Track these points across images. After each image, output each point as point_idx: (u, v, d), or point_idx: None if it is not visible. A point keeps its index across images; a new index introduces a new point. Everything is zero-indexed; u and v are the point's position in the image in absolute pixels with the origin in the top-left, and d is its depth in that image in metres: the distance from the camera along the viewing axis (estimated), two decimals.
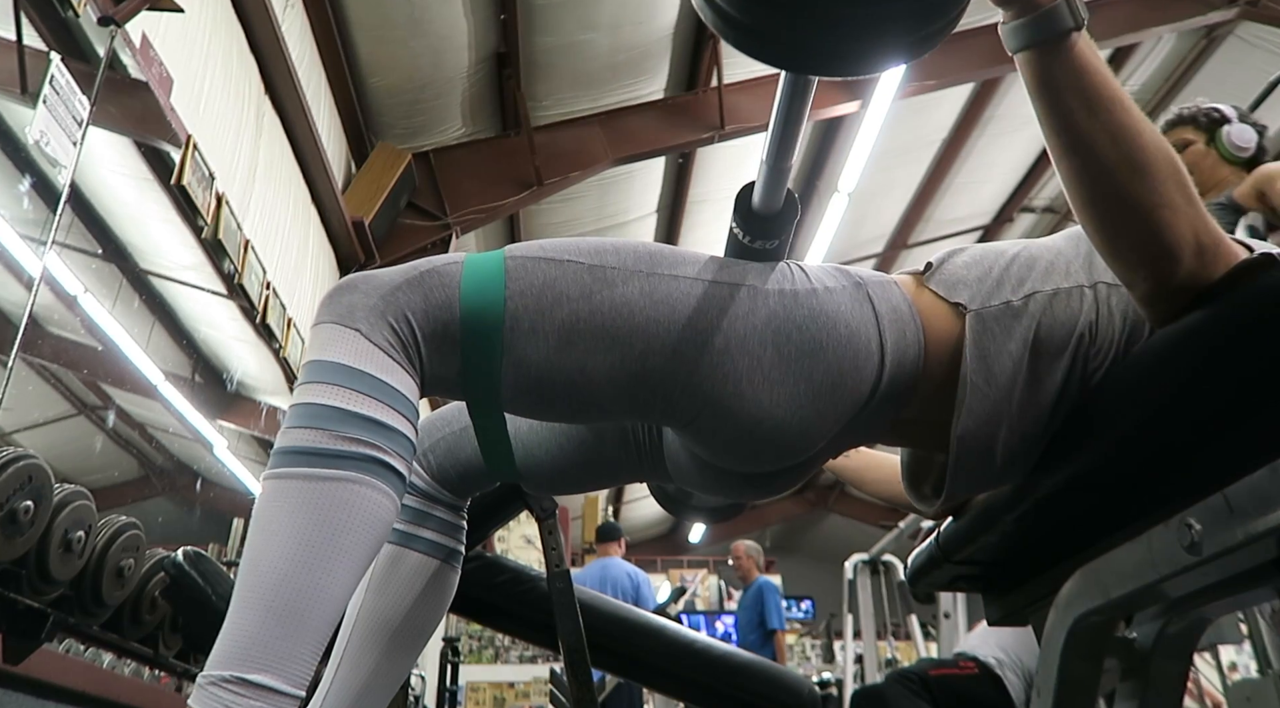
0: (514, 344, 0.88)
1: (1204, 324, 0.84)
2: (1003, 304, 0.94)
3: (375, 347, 0.85)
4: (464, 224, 5.48)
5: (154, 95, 3.05)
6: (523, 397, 0.91)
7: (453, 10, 4.61)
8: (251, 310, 4.25)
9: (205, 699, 0.73)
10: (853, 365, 0.91)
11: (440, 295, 0.88)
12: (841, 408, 0.92)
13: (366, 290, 0.88)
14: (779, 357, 0.89)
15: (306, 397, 0.83)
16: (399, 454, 0.84)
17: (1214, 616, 1.15)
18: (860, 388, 0.92)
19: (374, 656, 1.07)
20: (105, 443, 9.33)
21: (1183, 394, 0.87)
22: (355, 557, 0.80)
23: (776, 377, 0.89)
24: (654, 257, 0.94)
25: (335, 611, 0.79)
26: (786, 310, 0.91)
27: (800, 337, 0.90)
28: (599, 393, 0.91)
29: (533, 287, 0.89)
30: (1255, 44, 6.05)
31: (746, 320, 0.90)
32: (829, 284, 0.94)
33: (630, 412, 0.95)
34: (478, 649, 10.20)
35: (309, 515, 0.79)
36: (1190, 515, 0.83)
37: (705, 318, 0.90)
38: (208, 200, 3.40)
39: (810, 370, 0.90)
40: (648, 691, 4.23)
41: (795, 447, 0.93)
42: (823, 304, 0.92)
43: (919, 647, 5.01)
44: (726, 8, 0.70)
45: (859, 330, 0.91)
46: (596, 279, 0.90)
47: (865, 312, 0.93)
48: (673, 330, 0.89)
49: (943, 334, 0.95)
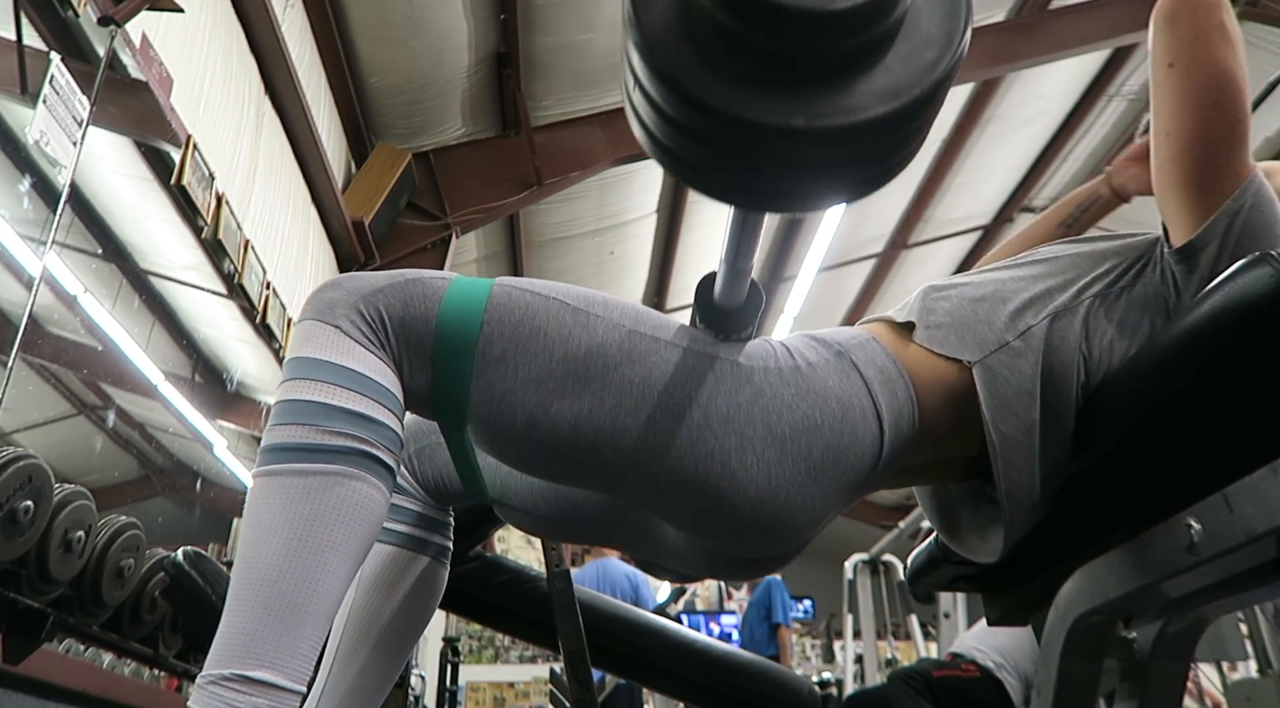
0: (484, 369, 0.86)
1: (1203, 325, 0.84)
2: (1003, 347, 0.95)
3: (354, 342, 0.85)
4: (464, 224, 5.47)
5: (154, 95, 3.05)
6: (483, 427, 0.88)
7: (453, 10, 4.61)
8: (251, 310, 4.25)
9: (206, 699, 0.73)
10: (852, 439, 0.89)
11: (420, 306, 0.88)
12: (846, 480, 0.90)
13: (349, 289, 0.88)
14: (771, 436, 0.86)
15: (290, 393, 0.83)
16: (385, 447, 0.83)
17: (1214, 615, 1.15)
18: (863, 458, 0.90)
19: (365, 654, 1.07)
20: (105, 443, 9.33)
21: (1182, 395, 0.87)
22: (348, 550, 0.80)
23: (772, 457, 0.86)
24: (639, 315, 0.92)
25: (331, 604, 0.79)
26: (773, 389, 0.88)
27: (792, 416, 0.87)
28: (562, 441, 0.86)
29: (512, 315, 0.87)
30: (1255, 44, 6.04)
31: (730, 397, 0.87)
32: (811, 359, 0.92)
33: (598, 478, 0.90)
34: (478, 649, 10.20)
35: (299, 511, 0.79)
36: (1190, 515, 0.83)
37: (683, 388, 0.87)
38: (208, 200, 3.40)
39: (808, 449, 0.87)
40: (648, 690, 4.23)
41: (801, 525, 0.90)
42: (809, 381, 0.89)
43: (919, 647, 5.01)
44: (670, 144, 0.67)
45: (852, 403, 0.89)
46: (578, 322, 0.88)
47: (854, 382, 0.91)
48: (647, 394, 0.86)
49: (934, 384, 0.95)
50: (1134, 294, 1.00)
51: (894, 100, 0.62)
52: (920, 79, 0.63)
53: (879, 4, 0.60)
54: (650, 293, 7.72)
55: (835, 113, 0.62)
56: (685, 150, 0.67)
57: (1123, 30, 5.77)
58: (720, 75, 0.62)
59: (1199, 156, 0.92)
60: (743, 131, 0.63)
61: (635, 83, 0.66)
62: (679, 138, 0.66)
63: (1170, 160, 0.95)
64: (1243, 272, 0.81)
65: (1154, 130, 0.97)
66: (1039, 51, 5.77)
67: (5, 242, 4.57)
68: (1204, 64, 0.91)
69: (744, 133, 0.63)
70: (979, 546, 1.05)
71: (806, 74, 0.62)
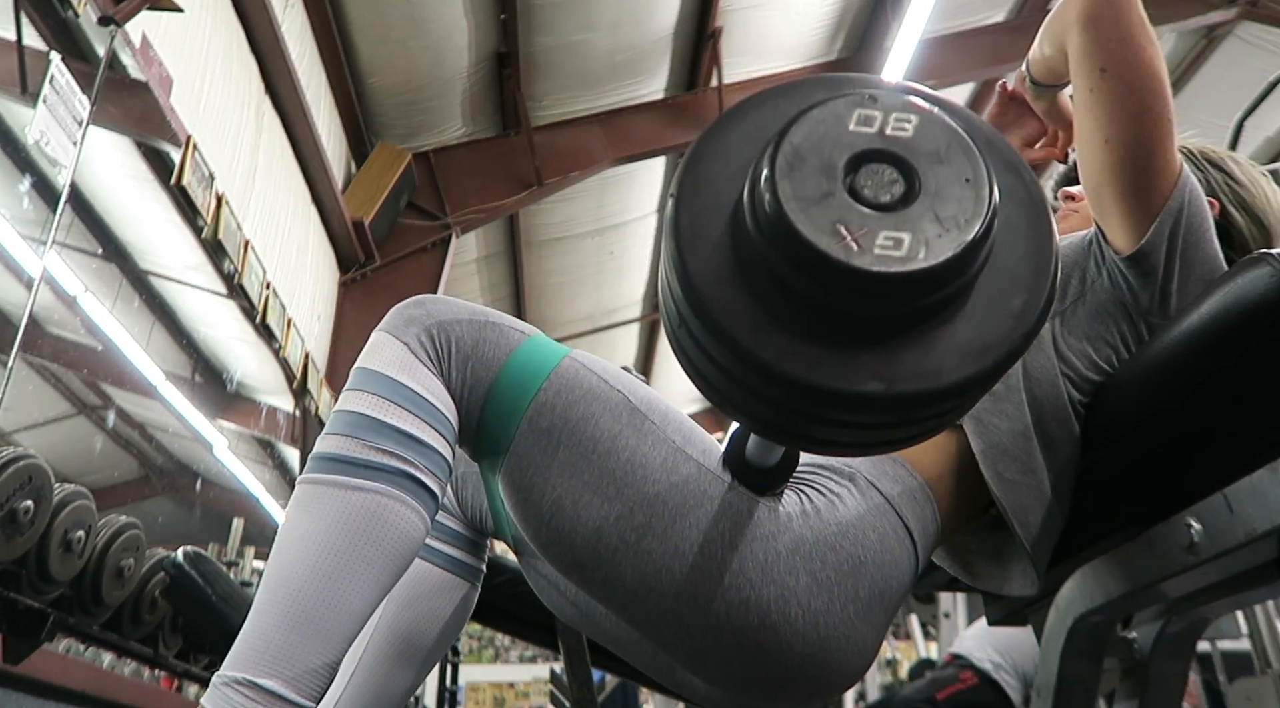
0: (526, 435, 0.84)
1: (1202, 325, 0.84)
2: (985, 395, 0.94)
3: (419, 362, 0.84)
4: (464, 224, 5.48)
5: (154, 95, 3.05)
6: (512, 492, 0.85)
7: (453, 10, 4.61)
8: (251, 310, 4.25)
9: (216, 699, 0.73)
10: (893, 567, 0.85)
11: (490, 351, 0.86)
12: (891, 606, 0.86)
13: (430, 310, 0.87)
14: (816, 585, 0.81)
15: (346, 404, 0.83)
16: (430, 471, 0.82)
17: (1214, 615, 1.15)
18: (903, 580, 0.87)
19: (388, 668, 1.06)
20: (105, 443, 9.33)
21: (1182, 395, 0.87)
22: (379, 572, 0.79)
23: (819, 607, 0.81)
24: (688, 433, 0.87)
25: (354, 625, 0.78)
26: (815, 533, 0.83)
27: (836, 558, 0.82)
28: (582, 541, 0.82)
29: (572, 392, 0.85)
30: (1255, 44, 6.04)
31: (767, 544, 0.81)
32: (836, 490, 0.87)
33: (611, 596, 0.84)
34: (478, 649, 10.20)
35: (335, 525, 0.78)
36: (1190, 515, 0.83)
37: (718, 525, 0.81)
38: (208, 200, 3.40)
39: (855, 590, 0.82)
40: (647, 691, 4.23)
41: (856, 669, 0.85)
42: (843, 515, 0.85)
43: (919, 647, 5.01)
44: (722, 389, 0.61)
45: (884, 528, 0.85)
46: (632, 424, 0.84)
47: (876, 503, 0.87)
48: (679, 522, 0.81)
49: (936, 463, 0.92)
50: (1089, 304, 0.98)
51: (982, 359, 0.54)
52: (1009, 332, 0.54)
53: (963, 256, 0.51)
54: (649, 293, 7.72)
55: (915, 377, 0.54)
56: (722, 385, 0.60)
57: None
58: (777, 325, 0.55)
59: (1140, 161, 0.90)
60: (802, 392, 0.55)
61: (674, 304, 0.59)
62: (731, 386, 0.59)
63: (1110, 167, 0.92)
64: (1242, 271, 0.81)
65: (1087, 137, 0.93)
66: None
67: (5, 242, 4.57)
68: (1136, 67, 0.89)
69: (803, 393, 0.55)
70: (996, 572, 1.03)
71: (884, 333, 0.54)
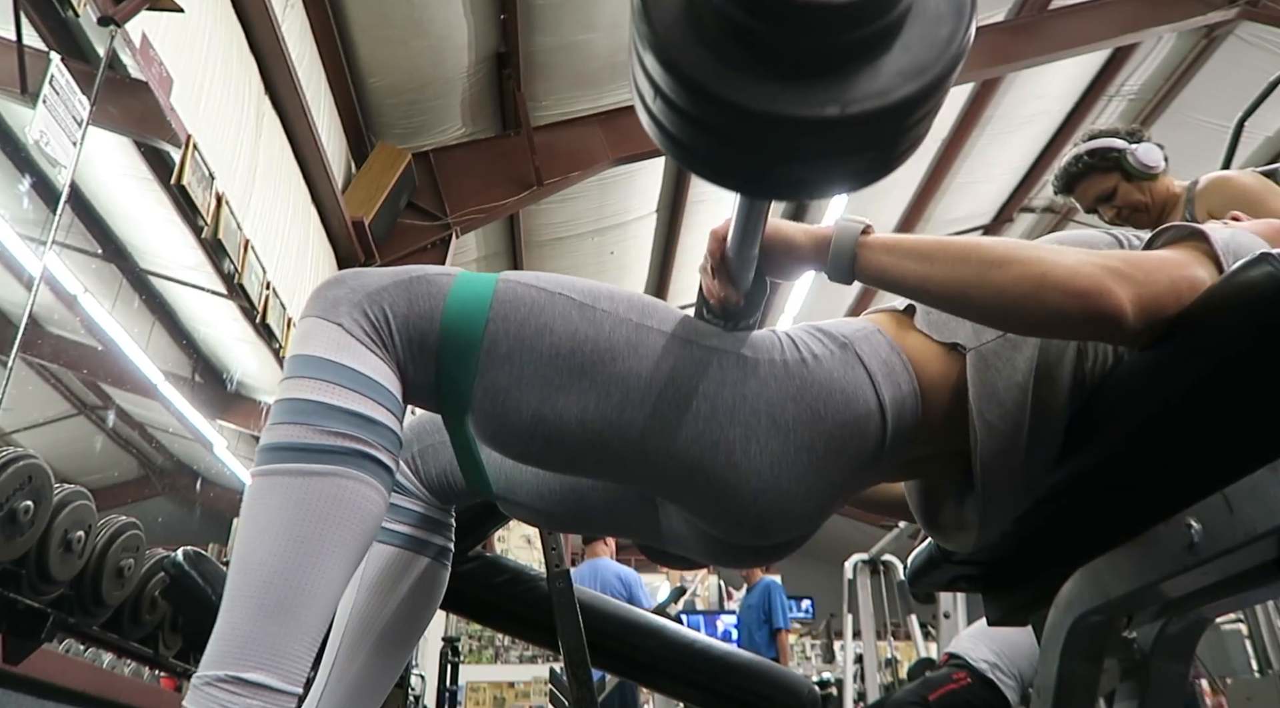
0: (488, 367, 0.87)
1: (1203, 325, 0.84)
2: (999, 337, 0.94)
3: (356, 340, 0.85)
4: (464, 224, 5.47)
5: (154, 95, 3.05)
6: (487, 422, 0.89)
7: (453, 10, 4.61)
8: (251, 310, 4.25)
9: (201, 700, 0.73)
10: (856, 431, 0.89)
11: (425, 305, 0.88)
12: (848, 471, 0.91)
13: (353, 287, 0.88)
14: (775, 428, 0.87)
15: (289, 392, 0.84)
16: (383, 447, 0.83)
17: (1214, 615, 1.15)
18: (865, 449, 0.91)
19: (365, 654, 1.07)
20: (105, 443, 9.34)
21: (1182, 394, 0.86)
22: (345, 551, 0.80)
23: (776, 448, 0.87)
24: (645, 308, 0.93)
25: (327, 606, 0.79)
26: (778, 382, 0.89)
27: (796, 408, 0.88)
28: (568, 436, 0.87)
29: (518, 312, 0.88)
30: (1255, 44, 6.04)
31: (735, 389, 0.88)
32: (816, 352, 0.92)
33: (604, 468, 0.92)
34: (478, 649, 10.20)
35: (296, 511, 0.79)
36: (1190, 515, 0.83)
37: (689, 380, 0.88)
38: (208, 200, 3.40)
39: (811, 441, 0.88)
40: (647, 690, 4.23)
41: (804, 515, 0.91)
42: (814, 374, 0.90)
43: (919, 647, 5.00)
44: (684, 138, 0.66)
45: (855, 395, 0.90)
46: (584, 318, 0.89)
47: (858, 374, 0.91)
48: (653, 387, 0.87)
49: (937, 374, 0.95)
50: None
51: (920, 78, 0.62)
52: (940, 54, 0.63)
53: None
54: (650, 292, 7.71)
55: (867, 98, 0.61)
56: (701, 144, 0.66)
57: (1123, 30, 5.78)
58: (740, 70, 0.61)
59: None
60: (770, 125, 0.62)
61: (647, 78, 0.65)
62: (694, 132, 0.65)
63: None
64: (1243, 271, 0.81)
65: None
66: (1039, 51, 5.77)
67: (5, 242, 4.57)
68: None
69: (771, 126, 0.62)
70: (955, 535, 1.05)
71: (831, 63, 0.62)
